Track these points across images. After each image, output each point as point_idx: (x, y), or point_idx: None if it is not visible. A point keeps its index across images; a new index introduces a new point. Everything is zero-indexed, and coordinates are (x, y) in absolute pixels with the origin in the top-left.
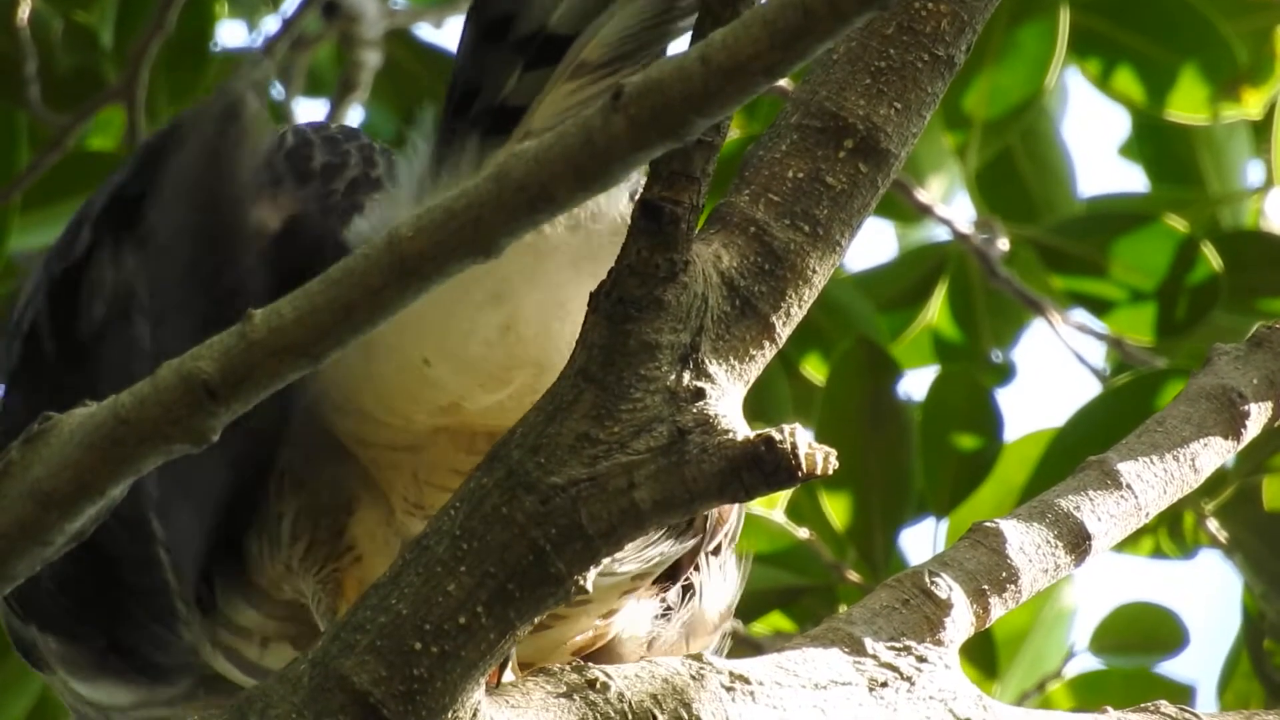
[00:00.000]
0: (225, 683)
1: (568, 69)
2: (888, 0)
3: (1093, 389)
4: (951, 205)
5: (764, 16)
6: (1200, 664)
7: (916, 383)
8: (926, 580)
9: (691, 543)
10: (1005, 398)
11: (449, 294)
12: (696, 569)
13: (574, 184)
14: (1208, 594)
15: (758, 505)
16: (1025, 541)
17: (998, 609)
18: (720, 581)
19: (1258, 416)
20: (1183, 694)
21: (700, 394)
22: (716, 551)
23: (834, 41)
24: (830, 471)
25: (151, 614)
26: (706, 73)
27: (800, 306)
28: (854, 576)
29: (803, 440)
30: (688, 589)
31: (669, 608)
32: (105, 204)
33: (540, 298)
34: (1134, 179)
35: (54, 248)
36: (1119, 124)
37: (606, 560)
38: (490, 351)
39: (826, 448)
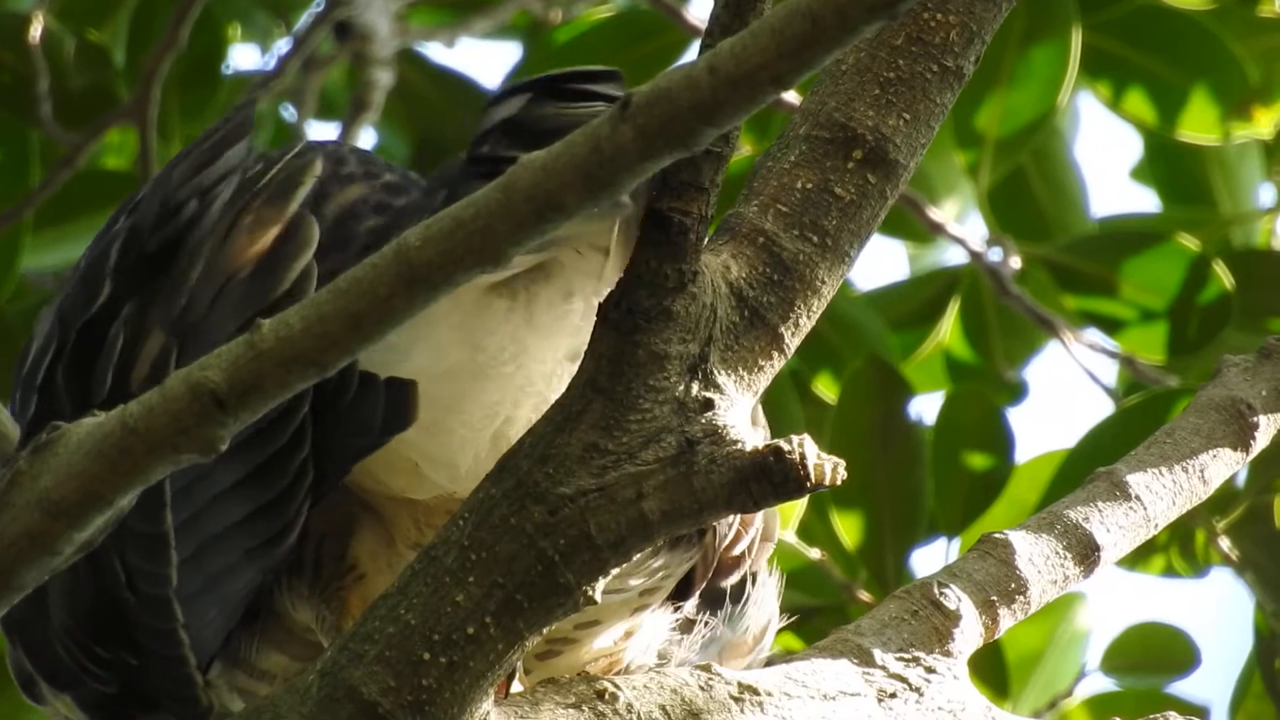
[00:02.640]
0: None
1: None
2: (896, 10)
3: (1105, 408)
4: (964, 225)
5: (772, 26)
6: (1213, 684)
7: (929, 406)
8: (935, 591)
9: (695, 553)
10: (1017, 417)
11: (444, 411)
12: (719, 585)
13: (582, 193)
14: (1220, 613)
15: None
16: (1034, 553)
17: (1006, 620)
18: (753, 601)
19: (1267, 428)
20: (1196, 714)
21: (709, 404)
22: (738, 563)
23: (842, 51)
24: (839, 482)
25: (167, 677)
26: (715, 82)
27: (809, 317)
28: (865, 596)
29: (811, 451)
30: (711, 609)
31: (689, 620)
32: (122, 254)
33: (531, 413)
34: (1147, 203)
35: (69, 295)
36: (1132, 148)
37: (613, 572)
38: (480, 464)
39: (835, 458)
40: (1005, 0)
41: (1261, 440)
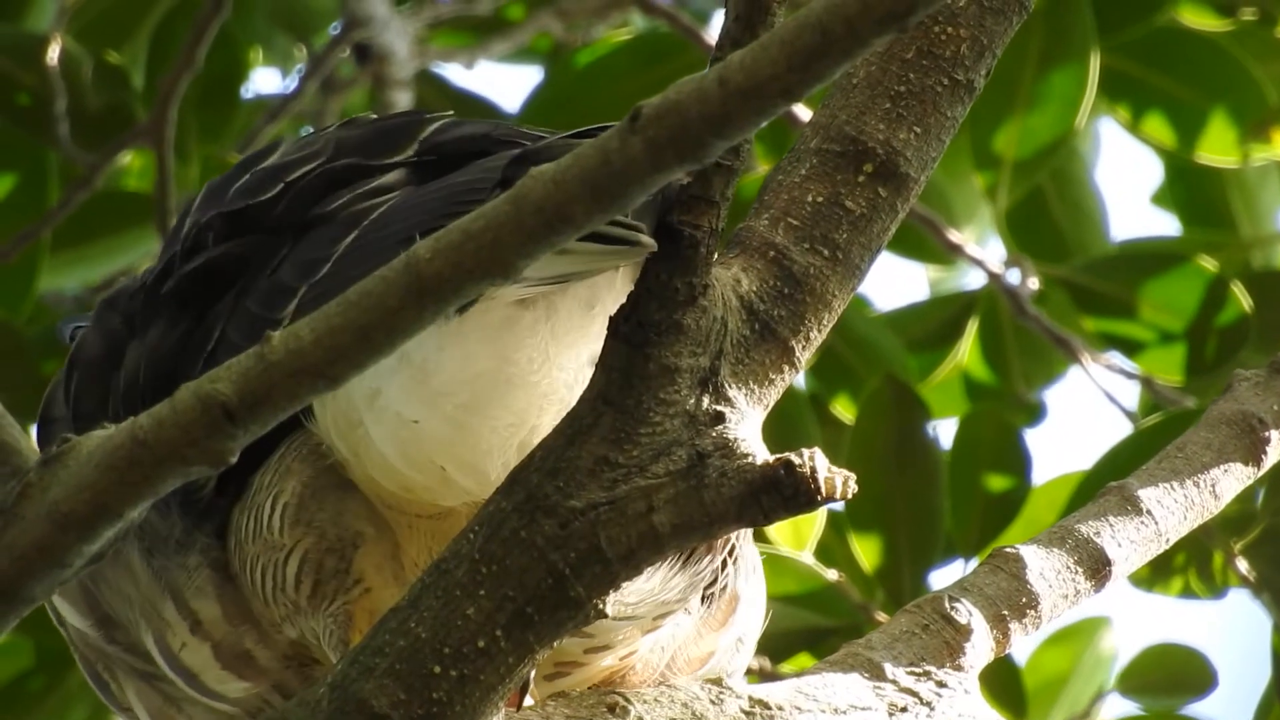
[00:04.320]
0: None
1: None
2: (905, 22)
3: (1124, 429)
4: (983, 248)
5: (782, 38)
6: (1231, 705)
7: (947, 431)
8: (946, 605)
9: (708, 568)
10: (1035, 438)
11: (471, 414)
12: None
13: (591, 205)
14: (1238, 634)
15: (786, 546)
16: (1045, 567)
17: (1017, 634)
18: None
19: (1278, 443)
20: None
21: (719, 418)
22: (732, 552)
23: (851, 64)
24: (849, 495)
25: None
26: (724, 94)
27: (820, 331)
28: (882, 618)
29: (822, 464)
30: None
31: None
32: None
33: (555, 420)
34: (1168, 228)
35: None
36: (1153, 174)
37: (627, 604)
38: (507, 471)
39: (846, 472)
40: (1016, 14)
41: (1273, 455)
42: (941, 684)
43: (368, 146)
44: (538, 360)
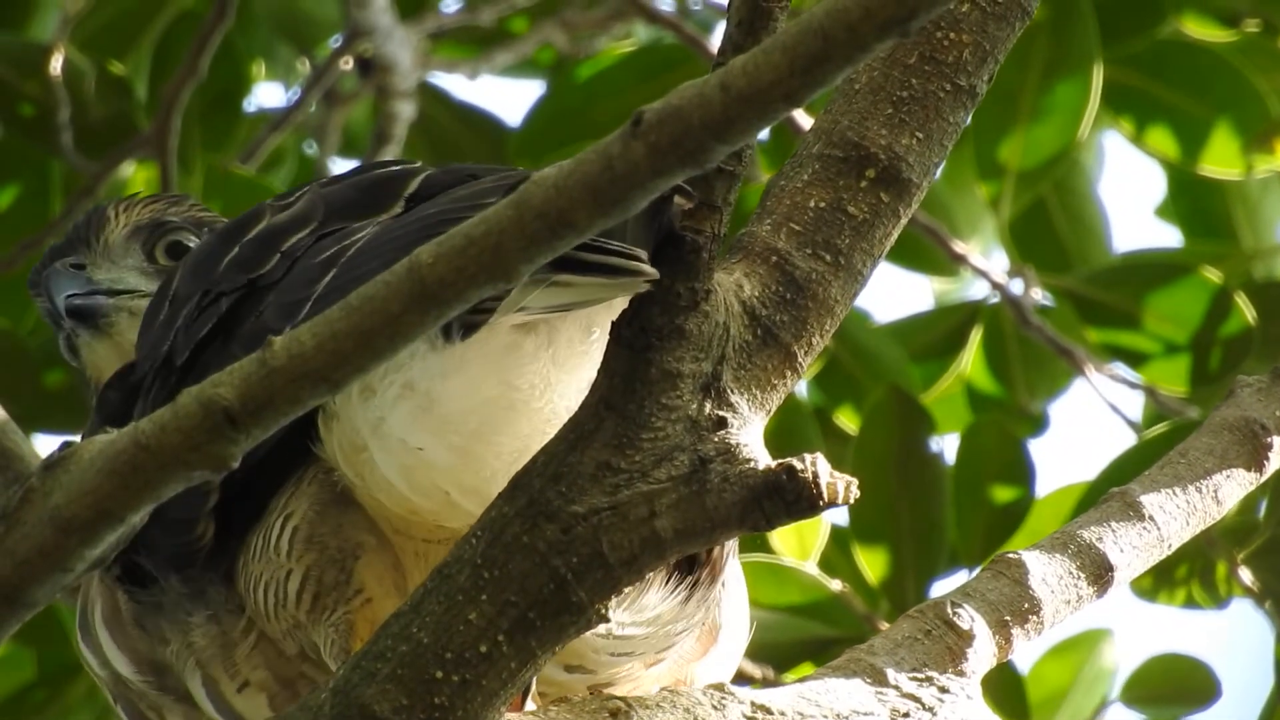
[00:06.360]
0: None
1: None
2: (908, 28)
3: (1127, 440)
4: (987, 259)
5: (784, 43)
6: (1235, 714)
7: (952, 445)
8: (949, 611)
9: (711, 600)
10: (1039, 448)
11: (475, 441)
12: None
13: (594, 210)
14: (1242, 644)
15: (791, 557)
16: (1047, 573)
17: (1020, 640)
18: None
19: None
20: None
21: (722, 423)
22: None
23: (854, 69)
24: (851, 500)
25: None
26: (727, 99)
27: (822, 336)
28: (886, 628)
29: (824, 469)
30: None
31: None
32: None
33: None
34: (1171, 240)
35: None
36: (1156, 186)
37: (629, 638)
38: None
39: (848, 477)
40: (1019, 19)
41: (1276, 461)
42: (944, 689)
43: (354, 206)
44: (540, 386)
